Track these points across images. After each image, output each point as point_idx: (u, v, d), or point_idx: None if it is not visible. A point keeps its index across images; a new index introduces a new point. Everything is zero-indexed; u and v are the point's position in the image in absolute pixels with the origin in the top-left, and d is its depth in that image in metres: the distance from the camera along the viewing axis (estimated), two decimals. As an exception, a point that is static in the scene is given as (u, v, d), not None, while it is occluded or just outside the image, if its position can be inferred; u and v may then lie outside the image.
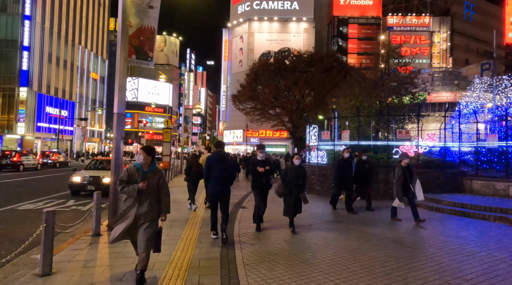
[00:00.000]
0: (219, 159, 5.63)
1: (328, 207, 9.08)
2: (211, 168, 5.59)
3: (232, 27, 68.97)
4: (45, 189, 12.95)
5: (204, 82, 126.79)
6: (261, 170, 6.32)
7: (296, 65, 34.65)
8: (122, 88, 6.18)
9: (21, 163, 24.04)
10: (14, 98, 41.71)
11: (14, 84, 41.62)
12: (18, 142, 42.56)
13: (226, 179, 5.59)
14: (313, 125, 12.38)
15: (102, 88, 63.83)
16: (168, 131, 13.62)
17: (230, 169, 5.67)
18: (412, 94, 12.92)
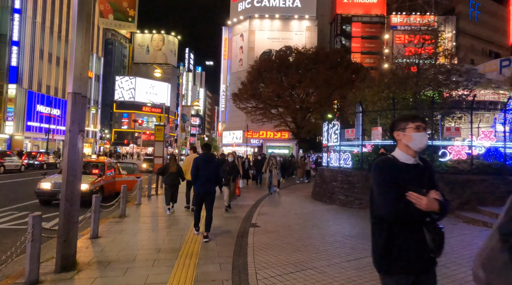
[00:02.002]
0: (206, 160, 5.84)
1: (364, 223, 7.07)
2: (199, 168, 5.77)
3: (232, 25, 67.09)
4: (15, 195, 10.91)
5: (203, 82, 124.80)
6: None
7: (301, 62, 32.77)
8: (81, 59, 4.17)
9: (1, 164, 22.08)
10: (2, 96, 39.52)
11: (2, 80, 39.43)
12: (7, 142, 40.35)
13: (212, 179, 5.83)
14: (333, 122, 10.38)
15: (97, 86, 61.67)
16: (160, 128, 11.59)
17: (216, 170, 5.93)
18: (465, 86, 10.94)
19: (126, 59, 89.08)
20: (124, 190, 7.56)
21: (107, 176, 10.34)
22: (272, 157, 11.54)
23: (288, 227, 6.51)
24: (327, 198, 9.89)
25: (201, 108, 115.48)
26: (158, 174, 8.78)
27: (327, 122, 10.83)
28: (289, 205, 9.55)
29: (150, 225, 6.74)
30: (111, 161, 11.69)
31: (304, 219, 7.39)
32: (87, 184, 9.06)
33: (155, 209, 8.82)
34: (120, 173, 11.57)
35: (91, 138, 59.40)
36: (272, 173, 11.16)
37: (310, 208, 8.97)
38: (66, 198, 3.94)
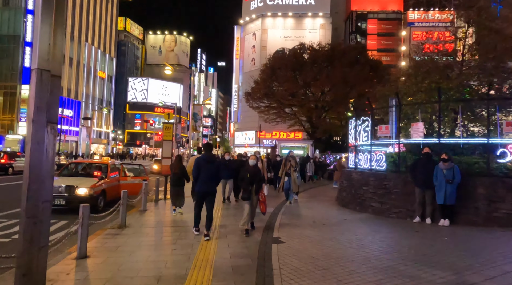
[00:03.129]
0: (207, 161, 5.90)
1: (413, 239, 5.79)
2: (200, 168, 5.84)
3: (244, 24, 66.23)
4: (12, 199, 10.03)
5: (215, 83, 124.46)
6: None
7: (316, 59, 31.39)
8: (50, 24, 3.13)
9: (10, 165, 21.67)
10: (15, 97, 39.61)
11: (15, 81, 39.53)
12: (20, 143, 40.42)
13: (213, 179, 5.88)
14: (362, 118, 9.11)
15: (110, 87, 61.69)
16: (169, 126, 10.56)
17: (217, 170, 5.96)
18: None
19: (139, 60, 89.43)
20: (125, 195, 6.52)
21: (111, 179, 9.37)
22: (291, 157, 9.53)
23: (319, 243, 5.32)
24: (356, 205, 8.64)
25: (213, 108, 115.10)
26: None
27: (355, 117, 9.55)
28: (313, 212, 8.34)
29: (152, 238, 5.66)
30: (115, 162, 10.72)
31: (336, 232, 6.19)
32: (86, 188, 8.09)
33: (161, 216, 7.76)
34: (125, 176, 10.60)
35: (104, 139, 59.46)
36: (291, 177, 9.36)
37: (339, 217, 7.74)
38: (28, 214, 2.88)
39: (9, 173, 20.63)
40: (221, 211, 8.50)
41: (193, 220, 6.07)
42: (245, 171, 6.12)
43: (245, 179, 6.04)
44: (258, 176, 6.11)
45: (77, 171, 9.68)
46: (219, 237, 5.75)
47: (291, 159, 9.56)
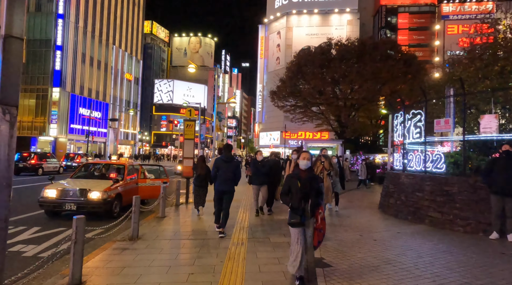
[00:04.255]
0: (225, 161, 6.09)
1: (504, 265, 4.44)
2: (219, 168, 6.05)
3: (268, 23, 65.24)
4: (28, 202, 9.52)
5: (239, 84, 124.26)
6: None
7: (345, 55, 29.75)
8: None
9: (40, 166, 21.88)
10: (47, 99, 40.77)
11: (47, 84, 40.70)
12: (52, 144, 41.57)
13: (230, 178, 6.05)
14: (413, 111, 7.74)
15: (137, 89, 62.67)
16: (191, 124, 9.65)
17: (234, 170, 6.11)
18: None
19: (164, 62, 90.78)
20: (137, 202, 5.60)
21: (127, 182, 8.56)
22: (324, 157, 7.30)
23: (376, 269, 4.11)
24: (408, 214, 7.28)
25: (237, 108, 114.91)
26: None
27: (402, 111, 8.18)
28: (356, 223, 7.08)
29: (167, 256, 4.67)
30: (134, 163, 9.96)
31: (393, 250, 4.93)
32: (99, 191, 7.29)
33: (180, 225, 6.80)
34: (144, 178, 9.80)
35: (131, 140, 60.43)
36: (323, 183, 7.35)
37: (390, 230, 6.44)
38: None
39: (39, 174, 20.77)
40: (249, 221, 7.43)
41: (215, 230, 6.12)
42: (291, 180, 3.73)
43: (293, 192, 3.64)
44: (314, 186, 3.68)
45: (92, 173, 8.96)
46: (247, 256, 4.66)
47: (323, 159, 7.24)
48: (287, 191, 3.72)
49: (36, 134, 41.08)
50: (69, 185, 7.56)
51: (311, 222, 3.72)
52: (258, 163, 7.85)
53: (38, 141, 41.30)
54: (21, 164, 21.29)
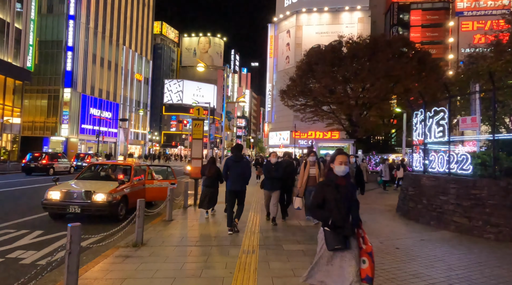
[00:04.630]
0: (236, 160, 6.23)
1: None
2: (229, 168, 6.20)
3: (278, 22, 64.81)
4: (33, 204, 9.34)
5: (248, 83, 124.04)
6: None
7: (356, 52, 29.08)
8: None
9: (51, 166, 22.00)
10: (58, 100, 41.17)
11: (58, 85, 41.10)
12: (63, 144, 41.98)
13: (241, 178, 6.19)
14: (435, 108, 7.24)
15: (147, 89, 62.95)
16: (199, 123, 9.32)
17: (244, 169, 6.23)
18: None
19: (174, 63, 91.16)
20: (141, 205, 5.27)
21: (134, 183, 8.28)
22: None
23: (403, 282, 3.67)
24: (430, 218, 6.78)
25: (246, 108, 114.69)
26: None
27: (423, 109, 7.67)
28: (375, 228, 6.62)
29: (172, 265, 4.33)
30: (141, 163, 9.68)
31: (419, 261, 4.48)
32: (104, 193, 7.01)
33: (187, 229, 6.46)
34: (152, 179, 9.52)
35: (141, 140, 60.74)
36: None
37: (413, 236, 5.97)
38: None
39: (50, 174, 20.84)
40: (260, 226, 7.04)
41: (227, 234, 5.98)
42: (327, 189, 2.92)
43: (332, 205, 2.81)
44: (355, 197, 2.96)
45: (98, 174, 8.71)
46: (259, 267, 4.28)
47: None
48: (320, 203, 2.86)
49: (48, 135, 41.54)
50: (73, 187, 7.31)
51: (354, 244, 2.79)
52: (271, 166, 6.92)
53: (50, 141, 41.76)
54: (32, 164, 21.47)
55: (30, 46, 33.69)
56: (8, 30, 30.93)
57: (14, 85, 32.29)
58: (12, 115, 32.23)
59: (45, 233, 6.18)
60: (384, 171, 13.76)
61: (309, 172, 6.81)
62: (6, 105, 31.33)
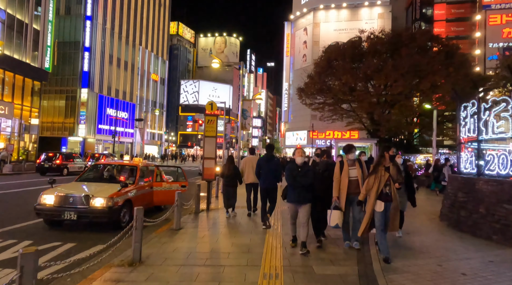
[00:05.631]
0: (267, 160, 6.61)
1: None
2: (261, 167, 6.53)
3: (294, 20, 63.56)
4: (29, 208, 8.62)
5: (264, 83, 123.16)
6: None
7: (379, 47, 27.60)
8: None
9: (65, 166, 21.72)
10: (76, 100, 41.41)
11: (76, 85, 41.34)
12: (81, 145, 42.22)
13: (272, 176, 6.51)
14: (494, 98, 6.00)
15: (163, 90, 62.97)
16: (212, 119, 8.38)
17: (275, 168, 6.56)
18: None
19: (190, 63, 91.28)
20: (140, 215, 4.33)
21: (139, 185, 7.41)
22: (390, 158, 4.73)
23: None
24: (493, 232, 5.54)
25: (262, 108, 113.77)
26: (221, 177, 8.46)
27: (477, 100, 6.42)
28: (422, 243, 5.44)
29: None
30: (149, 164, 8.81)
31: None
32: (104, 198, 6.14)
33: (196, 242, 5.47)
34: (161, 181, 8.65)
35: (157, 140, 60.79)
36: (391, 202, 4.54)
37: (478, 257, 4.77)
38: None
39: (64, 174, 20.53)
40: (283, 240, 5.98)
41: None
42: None
43: None
44: None
45: (101, 176, 7.89)
46: None
47: (387, 163, 4.58)
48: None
49: (66, 135, 41.87)
50: (70, 190, 6.48)
51: None
52: (297, 169, 4.88)
53: (68, 142, 42.08)
54: (46, 164, 21.24)
55: (48, 47, 33.88)
56: (26, 31, 31.16)
57: (32, 85, 32.52)
58: (30, 115, 32.47)
59: (35, 243, 5.36)
60: (447, 175, 11.60)
61: (349, 174, 5.05)
62: (24, 105, 31.56)
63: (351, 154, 5.23)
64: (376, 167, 4.55)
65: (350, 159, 5.20)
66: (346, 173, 5.08)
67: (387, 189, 4.47)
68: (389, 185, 4.48)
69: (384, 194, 4.44)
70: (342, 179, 5.08)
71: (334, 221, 4.91)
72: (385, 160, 4.59)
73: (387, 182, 4.47)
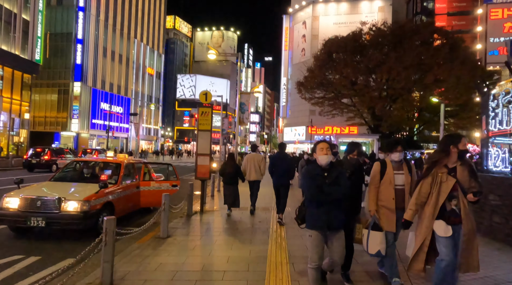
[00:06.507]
0: (281, 158, 6.87)
1: None
2: (275, 165, 6.75)
3: (293, 13, 62.42)
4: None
5: (262, 78, 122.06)
6: None
7: (381, 40, 26.77)
8: None
9: (54, 162, 20.77)
10: (68, 94, 40.22)
11: (68, 79, 40.12)
12: (74, 140, 41.12)
13: (285, 173, 6.74)
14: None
15: (159, 84, 61.71)
16: (206, 111, 7.48)
17: (288, 166, 6.78)
18: None
19: (187, 57, 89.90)
20: (110, 226, 3.44)
21: (123, 185, 6.50)
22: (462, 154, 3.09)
23: None
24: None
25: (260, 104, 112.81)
26: (220, 175, 8.19)
27: (511, 88, 5.56)
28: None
29: None
30: (136, 161, 7.89)
31: None
32: (78, 201, 5.24)
33: (186, 255, 4.58)
34: (149, 179, 7.76)
35: (153, 136, 59.70)
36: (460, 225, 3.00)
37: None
38: None
39: (53, 170, 19.60)
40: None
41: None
42: None
43: None
44: None
45: (80, 174, 6.97)
46: None
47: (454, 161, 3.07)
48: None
49: (59, 130, 40.73)
50: (39, 192, 5.56)
51: None
52: (321, 175, 3.13)
53: (61, 137, 40.96)
54: (34, 160, 20.28)
55: (38, 38, 32.63)
56: (15, 21, 29.91)
57: (22, 78, 31.33)
58: (20, 109, 31.33)
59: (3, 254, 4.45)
60: None
61: (394, 181, 3.57)
62: (14, 99, 30.41)
63: (395, 153, 3.60)
64: (431, 168, 3.02)
65: (395, 160, 3.62)
66: (391, 179, 3.58)
67: (454, 203, 2.92)
68: (457, 197, 2.92)
69: (449, 212, 2.92)
70: (384, 187, 3.58)
71: (374, 247, 3.39)
72: (449, 158, 2.98)
73: (454, 192, 2.92)
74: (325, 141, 3.24)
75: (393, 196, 3.51)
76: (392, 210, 3.51)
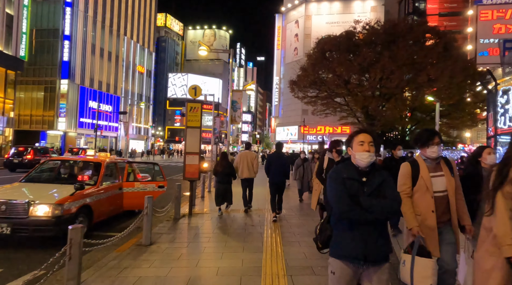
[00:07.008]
0: (277, 156, 7.02)
1: None
2: (271, 163, 6.89)
3: (286, 12, 62.12)
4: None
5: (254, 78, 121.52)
6: None
7: (375, 38, 26.59)
8: None
9: (37, 162, 19.82)
10: (55, 92, 39.05)
11: (55, 76, 38.94)
12: (61, 139, 39.97)
13: (281, 172, 6.88)
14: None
15: (149, 82, 60.64)
16: (195, 106, 6.94)
17: (284, 165, 6.97)
18: None
19: (179, 56, 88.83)
20: (76, 236, 2.89)
21: (104, 187, 5.93)
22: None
23: None
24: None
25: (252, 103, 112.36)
26: (214, 174, 7.88)
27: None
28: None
29: None
30: (121, 160, 7.30)
31: None
32: (49, 205, 4.66)
33: (170, 267, 4.06)
34: (134, 180, 7.20)
35: (144, 135, 58.65)
36: None
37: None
38: None
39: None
40: None
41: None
42: None
43: None
44: None
45: (55, 175, 6.37)
46: None
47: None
48: None
49: (45, 128, 39.53)
50: (5, 195, 4.95)
51: None
52: (359, 181, 2.04)
53: (48, 136, 39.77)
54: (16, 159, 19.41)
55: (23, 34, 31.54)
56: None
57: (5, 75, 30.19)
58: (4, 107, 30.20)
59: None
60: None
61: (432, 186, 2.71)
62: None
63: (432, 147, 2.72)
64: (503, 171, 1.99)
65: (431, 157, 2.76)
66: (427, 184, 2.72)
67: None
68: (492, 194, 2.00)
69: None
70: (419, 196, 2.73)
71: (423, 281, 2.32)
72: None
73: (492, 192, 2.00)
74: (366, 131, 2.14)
75: (433, 207, 2.62)
76: (433, 227, 2.61)
